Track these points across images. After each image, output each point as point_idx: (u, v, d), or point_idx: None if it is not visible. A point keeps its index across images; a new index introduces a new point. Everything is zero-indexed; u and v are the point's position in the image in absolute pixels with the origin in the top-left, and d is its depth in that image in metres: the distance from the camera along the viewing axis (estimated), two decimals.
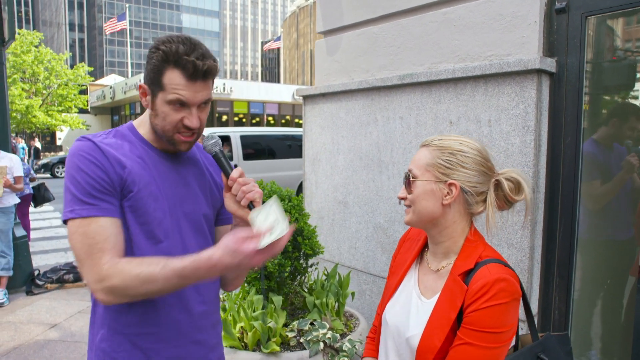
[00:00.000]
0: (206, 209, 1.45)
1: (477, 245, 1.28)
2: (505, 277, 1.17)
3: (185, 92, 1.26)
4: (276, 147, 11.90)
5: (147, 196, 1.29)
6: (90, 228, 1.20)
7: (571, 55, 2.52)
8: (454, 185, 1.25)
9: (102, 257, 1.19)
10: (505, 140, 2.62)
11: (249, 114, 37.28)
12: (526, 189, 1.27)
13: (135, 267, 1.18)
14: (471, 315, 1.16)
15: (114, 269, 1.18)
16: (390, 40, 3.36)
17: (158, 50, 1.25)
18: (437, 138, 1.31)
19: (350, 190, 3.69)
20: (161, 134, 1.33)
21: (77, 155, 1.24)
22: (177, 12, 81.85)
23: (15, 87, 28.19)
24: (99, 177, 1.22)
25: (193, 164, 1.47)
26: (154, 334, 1.33)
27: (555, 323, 2.62)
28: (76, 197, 1.22)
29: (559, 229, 2.58)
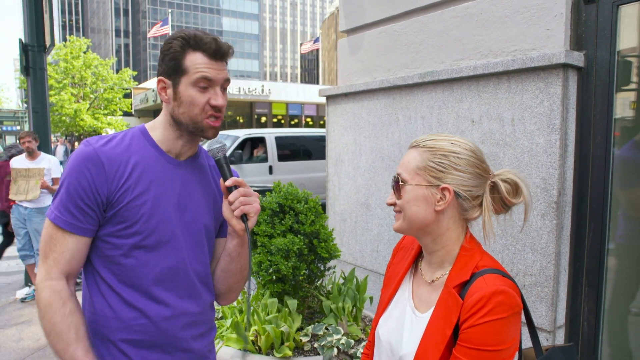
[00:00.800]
0: (207, 220, 1.42)
1: (474, 253, 1.17)
2: (503, 289, 1.06)
3: (209, 69, 1.28)
4: (312, 148, 11.84)
5: (141, 205, 1.28)
6: (57, 236, 1.26)
7: (601, 48, 2.35)
8: (447, 190, 1.14)
9: (52, 268, 1.25)
10: (529, 139, 2.48)
11: (287, 115, 37.59)
12: (524, 190, 1.16)
13: (54, 315, 1.24)
14: (467, 332, 1.06)
15: (49, 291, 1.25)
16: (412, 38, 3.25)
17: (175, 40, 1.27)
18: (427, 138, 1.20)
19: (372, 192, 3.61)
20: (188, 122, 1.31)
21: (75, 162, 1.26)
22: (217, 16, 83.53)
23: (65, 92, 29.50)
24: (86, 193, 1.24)
25: (200, 172, 1.44)
26: (140, 341, 1.31)
27: (584, 335, 2.45)
28: (61, 201, 1.25)
29: (587, 234, 2.42)
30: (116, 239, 1.28)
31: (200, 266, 1.41)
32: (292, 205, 2.86)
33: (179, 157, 1.39)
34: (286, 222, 2.82)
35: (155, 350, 1.33)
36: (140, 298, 1.30)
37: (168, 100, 1.32)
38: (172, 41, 1.29)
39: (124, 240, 1.28)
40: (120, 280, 1.29)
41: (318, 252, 2.81)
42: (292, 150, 11.52)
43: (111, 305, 1.30)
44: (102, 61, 32.05)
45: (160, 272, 1.31)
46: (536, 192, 2.45)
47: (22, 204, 5.35)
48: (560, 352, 1.23)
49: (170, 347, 1.34)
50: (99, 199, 1.25)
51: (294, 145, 11.71)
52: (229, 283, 1.47)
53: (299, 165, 11.33)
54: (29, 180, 5.35)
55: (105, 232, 1.29)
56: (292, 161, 11.31)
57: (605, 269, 2.39)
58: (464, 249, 1.18)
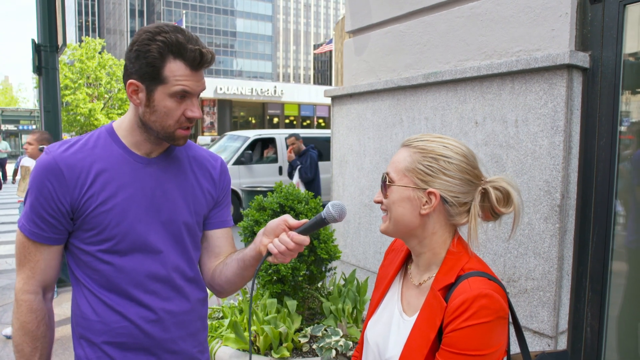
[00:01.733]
0: (186, 216, 1.37)
1: (461, 256, 1.14)
2: (487, 292, 1.03)
3: (189, 82, 1.21)
4: (322, 149, 11.83)
5: (109, 210, 1.25)
6: (29, 245, 1.28)
7: (607, 49, 2.30)
8: (433, 195, 1.12)
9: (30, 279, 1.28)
10: (533, 141, 2.43)
11: (300, 116, 37.63)
12: (516, 200, 1.13)
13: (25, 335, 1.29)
14: (450, 336, 1.04)
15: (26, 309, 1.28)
16: (417, 38, 3.23)
17: (154, 43, 1.17)
18: (419, 138, 1.18)
19: (375, 193, 3.58)
20: (159, 130, 1.25)
21: (36, 172, 1.25)
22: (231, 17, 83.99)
23: (80, 92, 29.91)
24: (48, 203, 1.24)
25: (175, 169, 1.38)
26: (124, 343, 1.30)
27: (587, 341, 2.40)
28: (27, 212, 1.27)
29: (591, 238, 2.37)
30: (88, 245, 1.28)
31: (184, 265, 1.38)
32: (292, 206, 2.85)
33: (149, 154, 1.34)
34: None
35: (141, 353, 1.31)
36: (122, 301, 1.29)
37: (139, 104, 1.25)
38: (150, 43, 1.18)
39: (95, 247, 1.27)
40: (100, 285, 1.29)
41: (318, 253, 2.80)
42: None
43: (95, 309, 1.29)
44: (116, 61, 32.44)
45: (138, 276, 1.30)
46: (539, 195, 2.41)
47: None
48: (551, 358, 1.20)
49: (156, 349, 1.33)
50: (62, 209, 1.24)
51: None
52: (237, 285, 1.44)
53: None
54: None
55: (78, 239, 1.29)
56: None
57: (609, 273, 2.34)
58: (451, 253, 1.15)
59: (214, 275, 1.46)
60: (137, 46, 1.21)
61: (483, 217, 1.17)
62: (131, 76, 1.23)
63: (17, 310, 1.29)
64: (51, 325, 1.35)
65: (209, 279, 1.48)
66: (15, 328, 1.29)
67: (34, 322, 1.29)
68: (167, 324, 1.34)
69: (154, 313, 1.31)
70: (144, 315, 1.30)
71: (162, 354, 1.34)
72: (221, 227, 1.50)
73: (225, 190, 1.51)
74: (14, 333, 1.30)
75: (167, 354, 1.35)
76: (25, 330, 1.28)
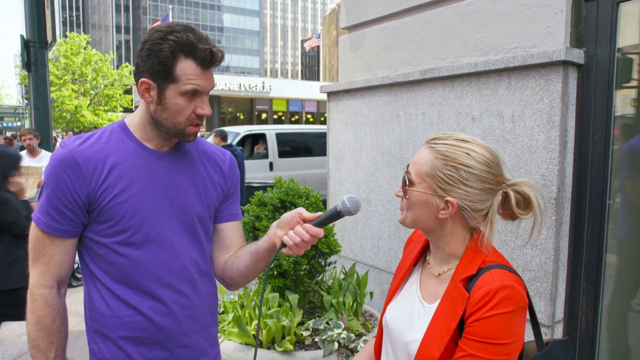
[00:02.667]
0: (199, 208, 1.40)
1: (481, 250, 1.18)
2: (509, 284, 1.07)
3: (200, 81, 1.24)
4: (312, 145, 11.87)
5: (123, 202, 1.28)
6: (44, 239, 1.29)
7: (601, 46, 2.36)
8: (450, 203, 1.14)
9: (45, 274, 1.30)
10: (529, 136, 2.49)
11: (288, 112, 37.55)
12: (535, 207, 1.13)
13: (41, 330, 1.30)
14: (474, 325, 1.07)
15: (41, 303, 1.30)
16: (413, 35, 3.27)
17: (166, 43, 1.20)
18: (444, 140, 1.17)
19: (373, 188, 3.63)
20: (170, 127, 1.29)
21: (53, 165, 1.26)
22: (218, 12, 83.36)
23: (65, 88, 29.51)
24: (65, 196, 1.25)
25: (186, 162, 1.41)
26: (138, 338, 1.32)
27: (582, 330, 2.48)
28: (42, 205, 1.28)
29: (586, 230, 2.44)
30: (104, 237, 1.29)
31: (198, 257, 1.41)
32: (293, 201, 2.88)
33: (160, 148, 1.36)
34: None
35: (154, 347, 1.33)
36: (135, 295, 1.31)
37: (150, 102, 1.28)
38: (161, 42, 1.21)
39: (111, 239, 1.29)
40: (114, 278, 1.30)
41: (319, 247, 2.83)
42: (292, 147, 11.55)
43: (108, 303, 1.31)
44: (102, 56, 32.04)
45: (152, 268, 1.32)
46: None
47: None
48: (559, 345, 1.25)
49: (169, 343, 1.35)
50: (79, 201, 1.26)
51: (295, 141, 11.73)
52: (249, 277, 1.46)
53: (300, 162, 11.36)
54: (28, 179, 5.36)
55: (93, 231, 1.30)
56: (292, 157, 11.34)
57: (603, 264, 2.41)
58: (470, 247, 1.19)
59: (225, 268, 1.48)
60: (149, 45, 1.23)
61: (502, 216, 1.19)
62: (143, 74, 1.25)
63: (32, 304, 1.30)
64: (65, 319, 1.36)
65: (220, 272, 1.50)
66: (31, 323, 1.30)
67: (49, 316, 1.30)
68: (180, 317, 1.36)
69: (166, 306, 1.33)
70: (157, 308, 1.32)
71: (175, 348, 1.36)
72: (232, 220, 1.52)
73: (235, 183, 1.54)
74: (30, 328, 1.31)
75: (179, 348, 1.37)
76: (41, 324, 1.29)
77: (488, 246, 1.16)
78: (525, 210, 1.15)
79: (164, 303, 1.33)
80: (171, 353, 1.36)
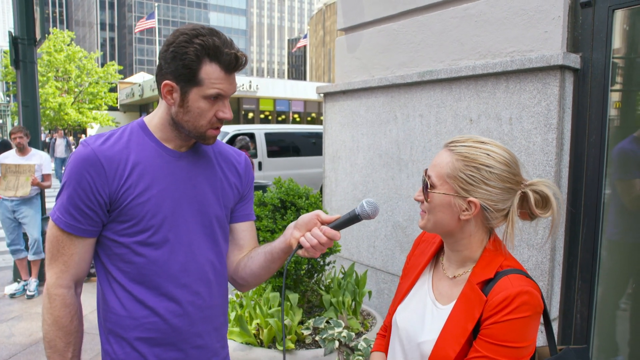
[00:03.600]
0: (216, 209, 1.41)
1: (498, 254, 1.20)
2: (528, 289, 1.10)
3: (223, 85, 1.25)
4: (301, 145, 11.89)
5: (145, 202, 1.28)
6: (63, 239, 1.28)
7: (597, 51, 2.43)
8: (473, 204, 1.16)
9: (64, 273, 1.30)
10: (527, 138, 2.55)
11: (275, 112, 37.44)
12: (554, 205, 1.16)
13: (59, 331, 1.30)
14: (490, 328, 1.10)
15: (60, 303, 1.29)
16: (411, 37, 3.31)
17: (192, 46, 1.20)
18: (463, 142, 1.19)
19: (369, 189, 3.66)
20: (192, 130, 1.29)
21: (75, 164, 1.25)
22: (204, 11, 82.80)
23: (49, 86, 29.03)
24: (87, 195, 1.25)
25: (204, 163, 1.42)
26: (153, 339, 1.32)
27: (577, 327, 2.55)
28: (63, 204, 1.27)
29: (581, 230, 2.50)
30: (123, 237, 1.29)
31: (215, 258, 1.41)
32: (293, 201, 2.90)
33: (179, 149, 1.37)
34: (288, 217, 2.86)
35: (168, 348, 1.34)
36: (152, 296, 1.31)
37: (173, 104, 1.29)
38: (187, 45, 1.21)
39: (131, 239, 1.29)
40: (131, 278, 1.31)
41: None
42: (281, 147, 11.56)
43: (124, 304, 1.31)
44: (86, 54, 31.58)
45: (170, 268, 1.32)
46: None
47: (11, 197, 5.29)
48: (574, 353, 1.27)
49: (183, 344, 1.35)
50: (101, 200, 1.26)
51: (283, 141, 11.74)
52: (261, 279, 1.47)
53: (288, 162, 11.38)
54: (19, 177, 5.29)
55: (112, 231, 1.30)
56: (281, 157, 11.35)
57: (598, 263, 2.48)
58: (488, 250, 1.21)
59: (237, 269, 1.49)
60: (173, 47, 1.23)
61: (520, 217, 1.21)
62: (166, 76, 1.26)
63: (49, 305, 1.29)
64: (81, 319, 1.36)
65: (232, 272, 1.51)
66: (48, 323, 1.29)
67: (67, 316, 1.30)
68: (195, 318, 1.36)
69: (182, 307, 1.34)
70: (173, 309, 1.32)
71: (188, 349, 1.37)
72: (246, 221, 1.54)
73: (249, 184, 1.56)
74: (47, 329, 1.30)
75: (193, 349, 1.37)
76: (59, 325, 1.29)
77: (505, 249, 1.19)
78: (544, 210, 1.18)
79: (180, 304, 1.34)
80: (185, 354, 1.36)
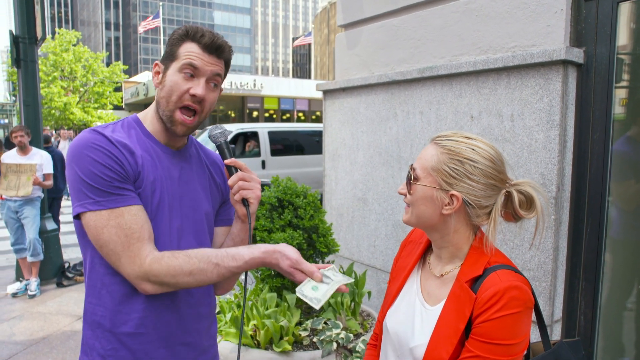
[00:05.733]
0: (207, 207, 1.43)
1: (485, 251, 1.17)
2: (517, 284, 1.07)
3: (198, 59, 1.27)
4: (304, 143, 11.84)
5: (150, 195, 1.27)
6: (125, 219, 1.19)
7: (600, 45, 2.36)
8: (455, 197, 1.14)
9: (142, 248, 1.19)
10: (529, 135, 2.49)
11: (280, 110, 37.45)
12: (538, 206, 1.14)
13: (184, 265, 1.20)
14: (481, 326, 1.07)
15: (159, 265, 1.19)
16: (411, 33, 3.25)
17: (179, 30, 1.31)
18: (450, 137, 1.18)
19: (369, 187, 3.61)
20: (164, 110, 1.29)
21: (90, 148, 1.19)
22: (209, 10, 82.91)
23: (54, 85, 29.16)
24: (117, 170, 1.20)
25: (195, 162, 1.45)
26: (143, 334, 1.30)
27: (581, 329, 2.48)
28: (96, 189, 1.18)
29: (585, 229, 2.44)
30: None
31: None
32: (291, 200, 2.85)
33: (172, 146, 1.39)
34: (285, 216, 2.81)
35: (157, 344, 1.32)
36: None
37: (158, 85, 1.33)
38: (175, 32, 1.32)
39: None
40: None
41: (317, 247, 2.81)
42: (284, 145, 11.52)
43: (115, 298, 1.28)
44: (92, 54, 31.70)
45: None
46: None
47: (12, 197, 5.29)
48: (568, 346, 1.24)
49: (172, 341, 1.34)
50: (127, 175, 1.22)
51: (287, 140, 11.70)
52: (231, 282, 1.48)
53: (292, 160, 11.33)
54: (20, 176, 5.28)
55: None
56: (284, 156, 11.31)
57: (602, 263, 2.42)
58: (474, 247, 1.18)
59: None
60: (169, 40, 1.33)
61: (504, 218, 1.19)
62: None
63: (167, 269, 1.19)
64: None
65: None
66: (186, 273, 1.20)
67: (187, 264, 1.20)
68: (185, 315, 1.36)
69: (173, 303, 1.33)
70: (162, 305, 1.31)
71: (176, 346, 1.35)
72: (227, 225, 1.55)
73: None
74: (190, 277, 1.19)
75: (180, 346, 1.36)
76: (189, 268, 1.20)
77: (491, 246, 1.16)
78: (528, 211, 1.16)
79: (171, 300, 1.32)
80: (172, 351, 1.35)
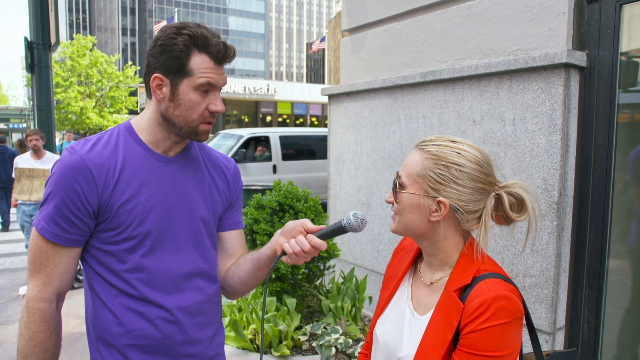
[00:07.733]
0: (205, 213, 1.37)
1: (475, 258, 1.13)
2: (505, 294, 1.03)
3: (213, 75, 1.22)
4: (316, 147, 11.82)
5: (132, 209, 1.24)
6: (47, 249, 1.22)
7: (604, 48, 2.33)
8: (442, 204, 1.10)
9: (46, 286, 1.23)
10: (531, 139, 2.46)
11: (293, 115, 37.59)
12: (530, 208, 1.10)
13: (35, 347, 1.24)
14: (468, 337, 1.04)
15: (39, 318, 1.24)
16: (414, 37, 3.24)
17: (180, 37, 1.19)
18: (434, 141, 1.14)
19: (373, 192, 3.59)
20: (183, 125, 1.26)
21: (63, 172, 1.21)
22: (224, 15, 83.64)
23: (71, 90, 29.64)
24: (75, 205, 1.20)
25: (193, 168, 1.38)
26: (143, 346, 1.28)
27: (584, 337, 2.43)
28: (49, 213, 1.21)
29: (588, 235, 2.40)
30: (109, 245, 1.25)
31: (203, 264, 1.37)
32: (291, 204, 2.85)
33: (167, 153, 1.33)
34: (285, 220, 2.81)
35: (159, 355, 1.30)
36: (141, 302, 1.27)
37: (162, 100, 1.25)
38: (175, 37, 1.20)
39: (117, 246, 1.25)
40: (119, 286, 1.26)
41: None
42: (296, 150, 11.51)
43: (112, 311, 1.27)
44: (107, 58, 32.17)
45: (158, 276, 1.28)
46: (537, 193, 2.44)
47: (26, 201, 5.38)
48: (562, 357, 1.20)
49: (174, 352, 1.31)
50: (89, 209, 1.21)
51: (298, 144, 11.69)
52: (250, 286, 1.43)
53: (303, 165, 11.32)
54: (33, 181, 5.36)
55: (98, 239, 1.26)
56: (296, 160, 11.30)
57: (606, 270, 2.37)
58: (464, 255, 1.15)
59: (226, 277, 1.45)
60: (161, 41, 1.21)
61: (496, 221, 1.15)
62: (155, 71, 1.23)
63: (28, 319, 1.24)
64: (60, 335, 1.31)
65: (221, 280, 1.46)
66: (25, 338, 1.24)
67: (46, 332, 1.25)
68: (185, 325, 1.32)
69: (172, 314, 1.29)
70: (162, 316, 1.28)
71: (179, 357, 1.32)
72: (235, 229, 1.50)
73: (238, 192, 1.52)
74: (23, 343, 1.24)
75: (183, 357, 1.33)
76: (36, 341, 1.24)
77: (482, 252, 1.12)
78: (519, 213, 1.11)
79: (170, 311, 1.29)
80: None
